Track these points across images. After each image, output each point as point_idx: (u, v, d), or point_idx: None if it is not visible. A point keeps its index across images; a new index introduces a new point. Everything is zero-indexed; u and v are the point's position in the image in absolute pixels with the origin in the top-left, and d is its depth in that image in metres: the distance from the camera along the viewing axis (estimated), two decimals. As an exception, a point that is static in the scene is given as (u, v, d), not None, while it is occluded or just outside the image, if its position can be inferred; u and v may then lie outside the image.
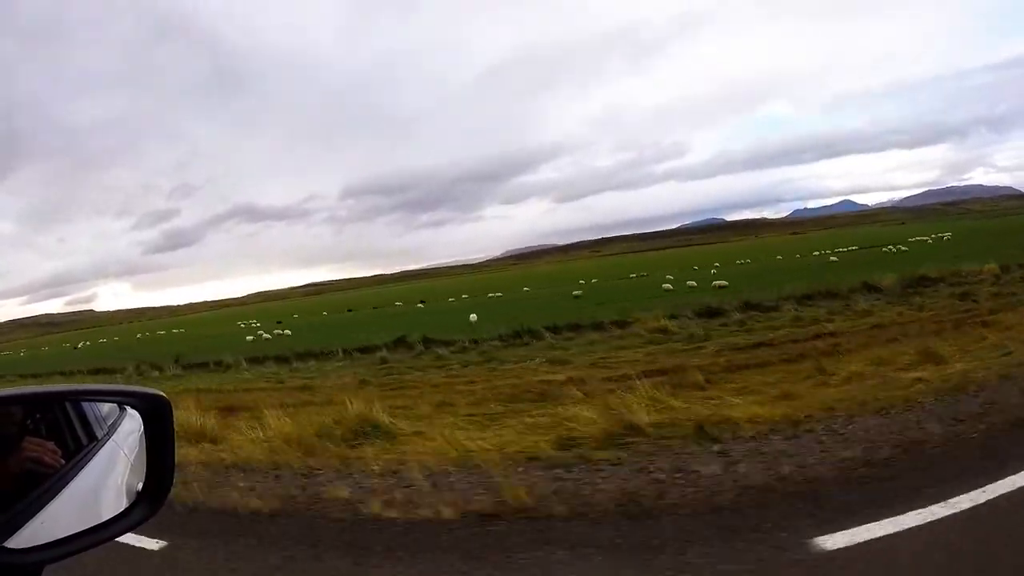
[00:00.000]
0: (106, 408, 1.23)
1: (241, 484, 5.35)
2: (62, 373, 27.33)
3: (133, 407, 1.18)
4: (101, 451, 1.17)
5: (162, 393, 1.14)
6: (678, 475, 4.50)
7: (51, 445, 1.00)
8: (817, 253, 58.72)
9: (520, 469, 4.93)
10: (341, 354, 20.02)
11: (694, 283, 33.67)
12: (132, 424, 1.18)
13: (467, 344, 18.18)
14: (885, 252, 46.70)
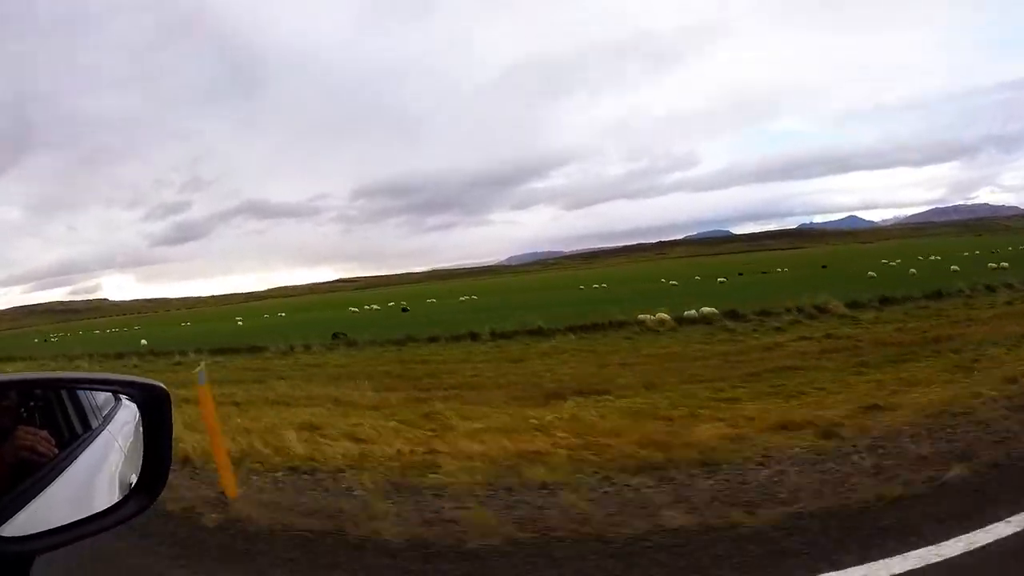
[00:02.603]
0: (102, 397, 1.26)
1: None
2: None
3: (130, 397, 1.20)
4: (96, 441, 1.20)
5: (161, 384, 1.15)
6: None
7: (45, 434, 1.03)
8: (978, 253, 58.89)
9: None
10: (795, 312, 21.10)
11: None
12: (127, 414, 1.21)
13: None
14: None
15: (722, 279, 54.16)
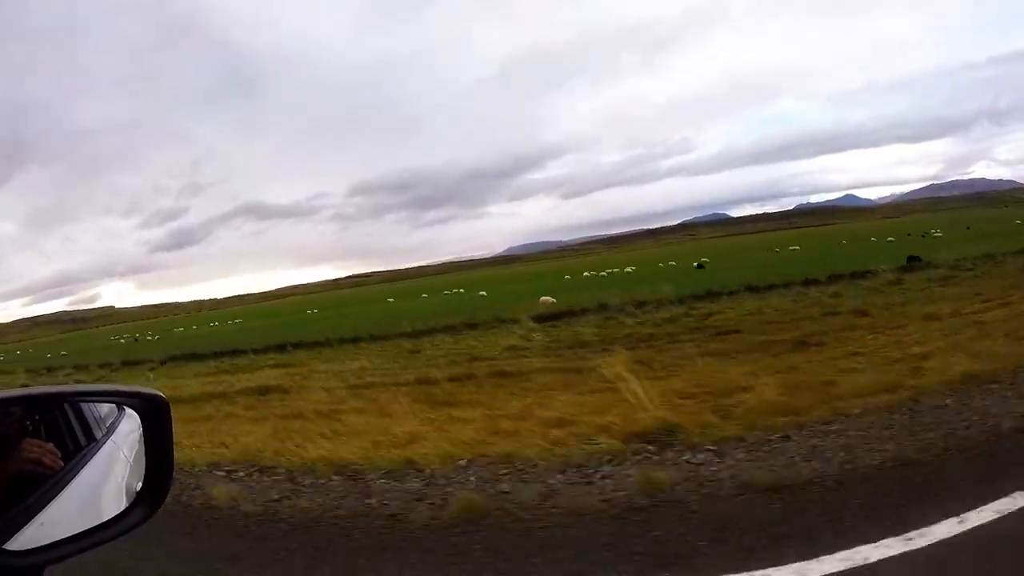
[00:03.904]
0: (105, 409, 1.30)
1: None
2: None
3: (131, 407, 1.24)
4: (100, 452, 1.24)
5: (160, 393, 1.19)
6: None
7: (50, 446, 1.06)
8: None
9: None
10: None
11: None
12: (131, 424, 1.24)
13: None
14: None
15: (891, 239, 56.25)
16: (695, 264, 51.52)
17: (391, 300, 64.56)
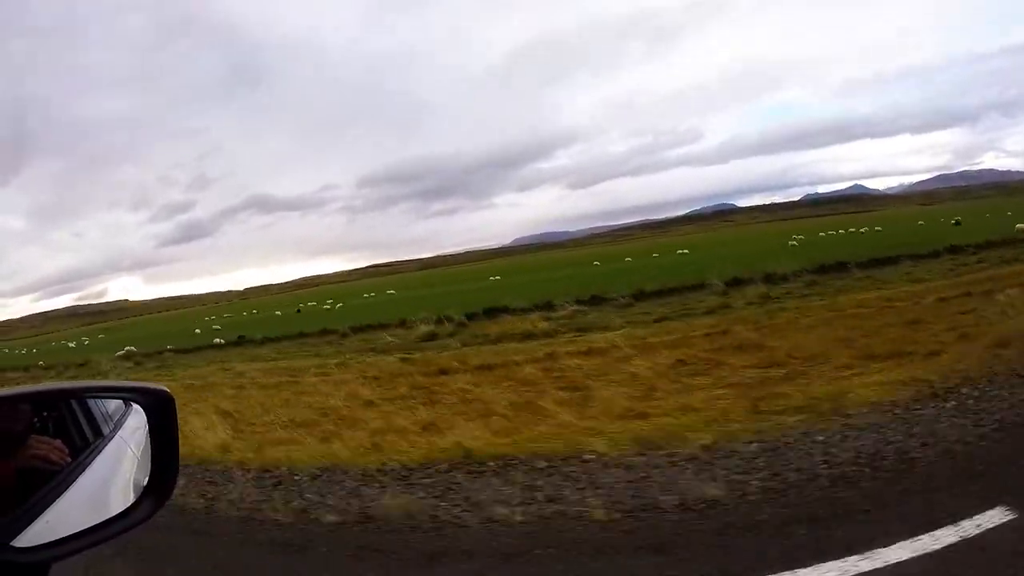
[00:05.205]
0: (112, 405, 1.32)
1: None
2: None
3: (137, 403, 1.25)
4: (107, 448, 1.25)
5: (165, 388, 1.20)
6: None
7: (58, 443, 1.08)
8: None
9: None
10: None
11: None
12: (138, 420, 1.25)
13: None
14: None
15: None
16: (953, 221, 51.71)
17: (597, 263, 62.72)
